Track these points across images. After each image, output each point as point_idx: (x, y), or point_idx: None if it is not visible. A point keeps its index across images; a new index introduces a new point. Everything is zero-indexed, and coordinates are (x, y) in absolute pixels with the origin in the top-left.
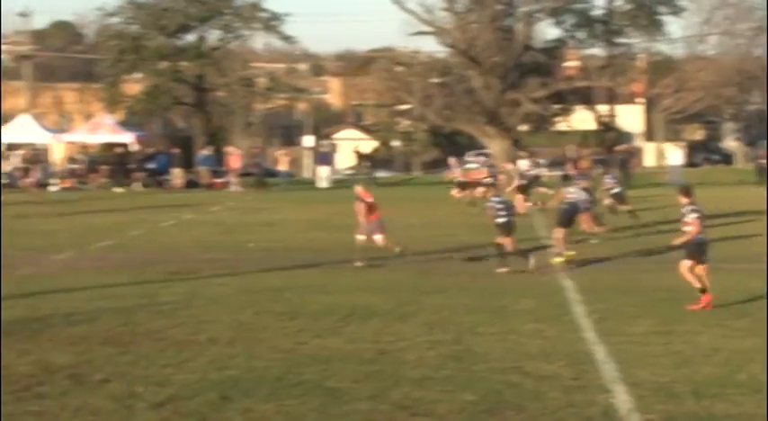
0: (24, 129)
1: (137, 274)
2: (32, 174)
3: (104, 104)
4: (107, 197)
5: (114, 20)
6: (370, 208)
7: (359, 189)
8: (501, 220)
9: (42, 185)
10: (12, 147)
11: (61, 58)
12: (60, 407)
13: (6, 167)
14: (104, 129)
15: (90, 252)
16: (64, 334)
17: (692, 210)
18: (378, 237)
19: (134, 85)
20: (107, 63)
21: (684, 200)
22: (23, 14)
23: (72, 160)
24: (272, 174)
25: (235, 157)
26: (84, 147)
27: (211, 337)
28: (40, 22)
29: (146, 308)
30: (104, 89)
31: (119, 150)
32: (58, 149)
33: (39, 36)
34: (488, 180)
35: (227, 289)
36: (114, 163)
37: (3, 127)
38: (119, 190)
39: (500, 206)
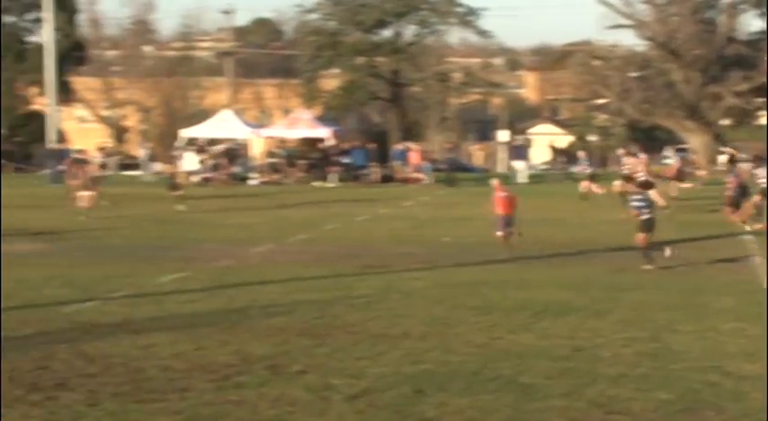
0: (226, 125)
1: (332, 268)
2: (227, 169)
3: (302, 100)
4: (305, 191)
5: (312, 16)
6: (507, 201)
7: (494, 182)
8: (645, 217)
9: (242, 179)
10: (213, 142)
11: (261, 55)
12: (258, 396)
13: (208, 161)
14: (302, 125)
15: (287, 245)
16: (262, 325)
17: None
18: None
19: (331, 81)
20: (305, 59)
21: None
22: (226, 12)
23: (271, 155)
24: (467, 169)
25: (414, 153)
26: (282, 142)
27: (406, 331)
28: (242, 19)
29: (341, 301)
30: (302, 85)
31: (316, 145)
32: (257, 144)
33: (240, 33)
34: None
35: (422, 283)
36: (312, 158)
37: (205, 122)
38: (318, 184)
39: (641, 204)
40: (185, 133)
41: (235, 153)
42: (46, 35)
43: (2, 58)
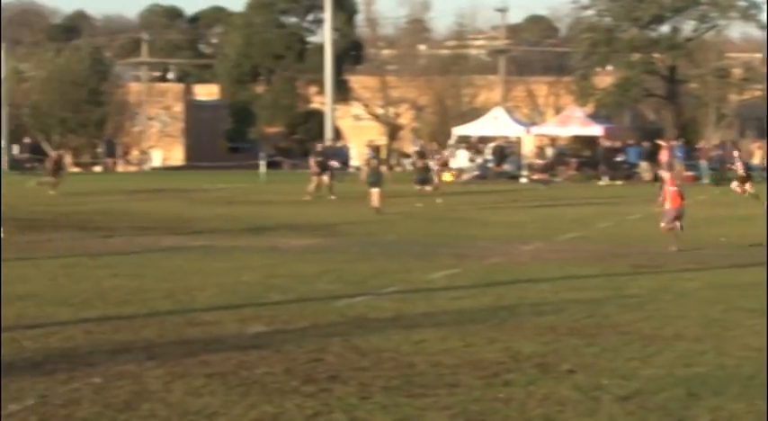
0: (497, 122)
1: (604, 266)
2: (498, 166)
3: (575, 97)
4: (576, 189)
5: (588, 13)
6: (678, 196)
7: (666, 175)
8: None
9: (513, 177)
10: (484, 139)
11: (534, 52)
12: (527, 394)
13: (478, 159)
14: (574, 122)
15: (558, 243)
16: (531, 323)
17: None
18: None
19: (605, 78)
20: (579, 56)
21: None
22: (501, 10)
23: (542, 153)
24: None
25: (665, 151)
26: (553, 140)
27: (678, 332)
28: (516, 16)
29: (612, 300)
30: (576, 82)
31: (590, 143)
32: (528, 142)
33: (514, 31)
34: None
35: (696, 283)
36: (584, 155)
37: (477, 120)
38: (601, 182)
39: None
40: (457, 131)
41: (506, 151)
42: (325, 35)
43: (283, 58)
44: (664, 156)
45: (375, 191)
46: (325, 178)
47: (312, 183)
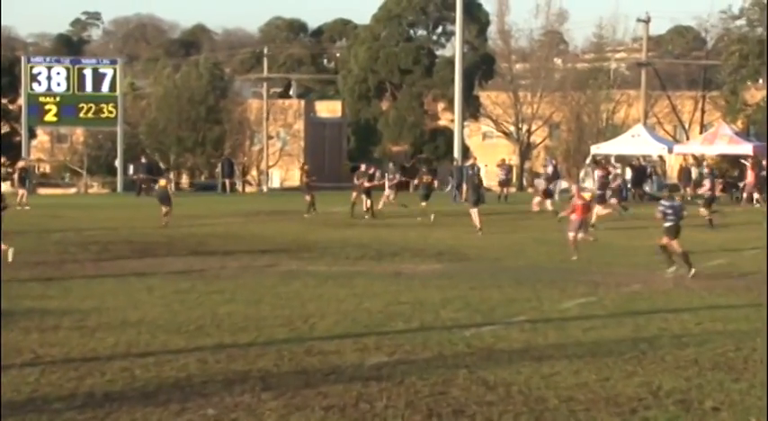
0: (638, 140)
1: (752, 296)
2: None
3: (723, 113)
4: (721, 212)
5: (738, 23)
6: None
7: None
8: (667, 224)
9: (655, 198)
10: (620, 158)
11: (679, 65)
12: None
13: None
14: (722, 140)
15: (702, 270)
16: (672, 356)
17: None
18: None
19: (756, 93)
20: (728, 69)
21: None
22: (643, 20)
23: (686, 172)
24: None
25: (750, 171)
26: (696, 159)
27: None
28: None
29: (761, 333)
30: (724, 97)
31: (738, 162)
32: (671, 161)
33: (657, 42)
34: None
35: None
36: (733, 176)
37: (616, 138)
38: (756, 204)
39: (669, 210)
40: (594, 149)
41: (647, 171)
42: (455, 49)
43: (410, 73)
44: (750, 175)
45: (474, 211)
46: (367, 200)
47: (361, 203)
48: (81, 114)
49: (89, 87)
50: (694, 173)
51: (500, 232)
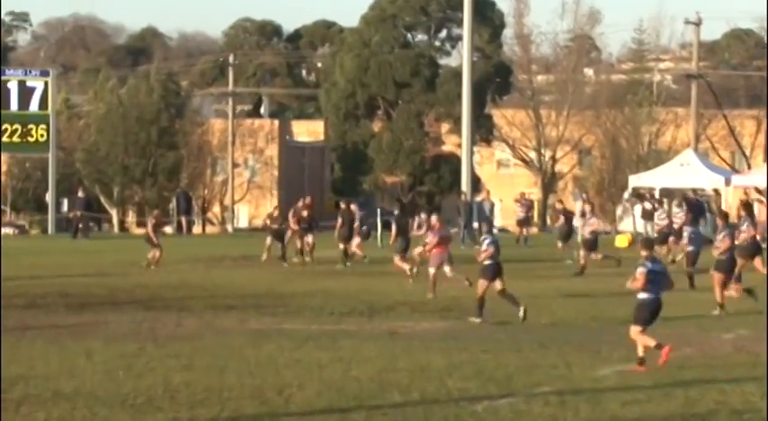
0: (687, 170)
1: None
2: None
3: None
4: None
5: None
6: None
7: None
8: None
9: (709, 242)
10: (668, 192)
11: (737, 78)
12: None
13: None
14: None
15: (762, 330)
16: None
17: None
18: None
19: None
20: None
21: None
22: (693, 23)
23: (748, 209)
24: None
25: None
26: (760, 192)
27: None
28: (713, 31)
29: None
30: None
31: None
32: (729, 196)
33: (710, 49)
34: None
35: None
36: None
37: (660, 167)
38: None
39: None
40: (634, 181)
41: (698, 207)
42: (463, 57)
43: (408, 87)
44: None
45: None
46: (309, 240)
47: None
48: (4, 138)
49: (14, 105)
50: (758, 210)
51: (518, 282)
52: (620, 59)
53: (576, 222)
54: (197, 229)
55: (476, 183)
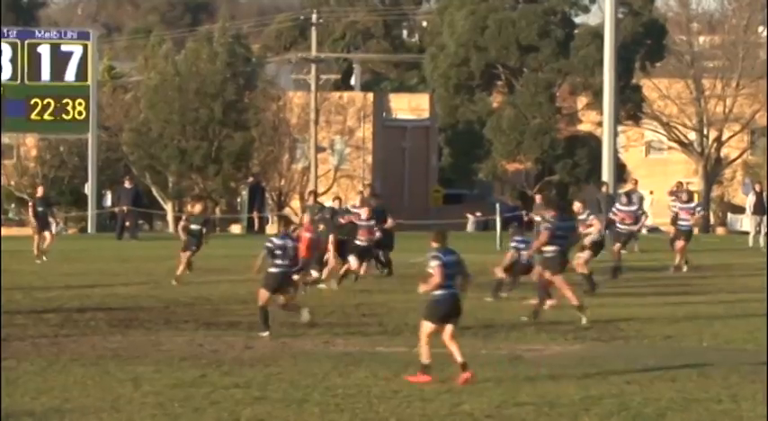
0: None
1: None
2: None
3: None
4: None
5: None
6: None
7: None
8: None
9: None
10: None
11: None
12: None
13: None
14: None
15: None
16: None
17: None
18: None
19: None
20: None
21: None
22: None
23: None
24: None
25: None
26: None
27: None
28: None
29: None
30: None
31: None
32: None
33: None
34: None
35: None
36: None
37: None
38: None
39: None
40: None
41: None
42: (605, 14)
43: (536, 51)
44: None
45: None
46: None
47: None
48: (33, 115)
49: (46, 74)
50: None
51: (672, 298)
52: None
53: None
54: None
55: (620, 172)
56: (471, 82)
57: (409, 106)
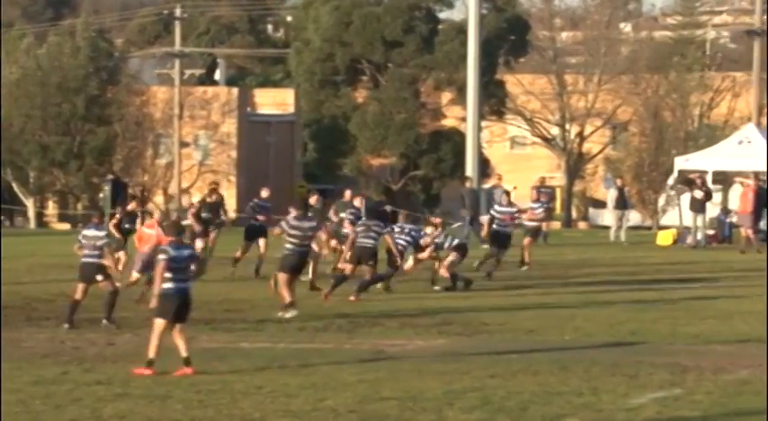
0: (747, 149)
1: None
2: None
3: None
4: None
5: None
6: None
7: None
8: None
9: None
10: (723, 176)
11: None
12: None
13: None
14: None
15: None
16: None
17: None
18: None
19: None
20: None
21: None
22: None
23: None
24: None
25: None
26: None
27: None
28: None
29: None
30: None
31: None
32: None
33: None
34: None
35: None
36: None
37: (714, 146)
38: None
39: None
40: (681, 163)
41: (760, 194)
42: (469, 10)
43: (400, 46)
44: None
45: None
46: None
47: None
48: None
49: None
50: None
51: (536, 291)
52: (664, 12)
53: (609, 215)
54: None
55: (484, 167)
56: (336, 77)
57: (274, 101)
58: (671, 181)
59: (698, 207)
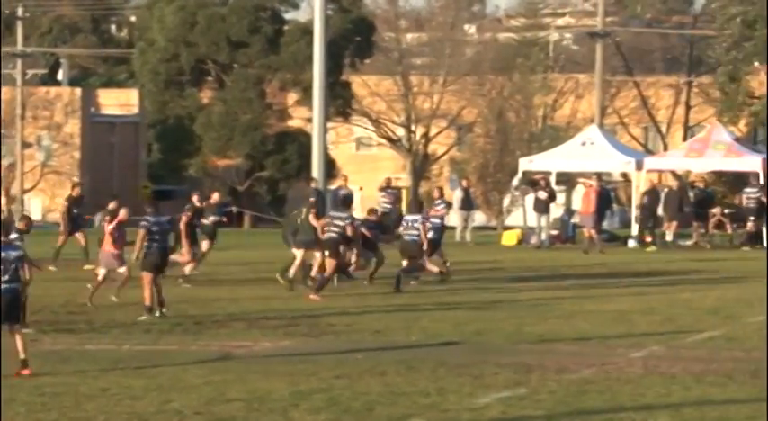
0: (590, 150)
1: (757, 385)
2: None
3: (718, 109)
4: (717, 259)
5: None
6: None
7: None
8: None
9: (613, 239)
10: (567, 177)
11: (652, 37)
12: None
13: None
14: (717, 150)
15: (684, 347)
16: None
17: None
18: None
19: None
20: (725, 43)
21: None
22: None
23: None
24: None
25: None
26: (679, 178)
27: None
28: None
29: None
30: (719, 84)
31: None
32: (640, 181)
33: (619, 2)
34: None
35: None
36: (733, 205)
37: (558, 147)
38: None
39: None
40: (525, 164)
41: (609, 196)
42: (314, 11)
43: (246, 47)
44: None
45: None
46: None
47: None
48: None
49: None
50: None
51: (382, 292)
52: (508, 14)
53: (455, 215)
54: None
55: (330, 168)
56: (181, 77)
57: (118, 102)
58: (515, 182)
59: (542, 207)
